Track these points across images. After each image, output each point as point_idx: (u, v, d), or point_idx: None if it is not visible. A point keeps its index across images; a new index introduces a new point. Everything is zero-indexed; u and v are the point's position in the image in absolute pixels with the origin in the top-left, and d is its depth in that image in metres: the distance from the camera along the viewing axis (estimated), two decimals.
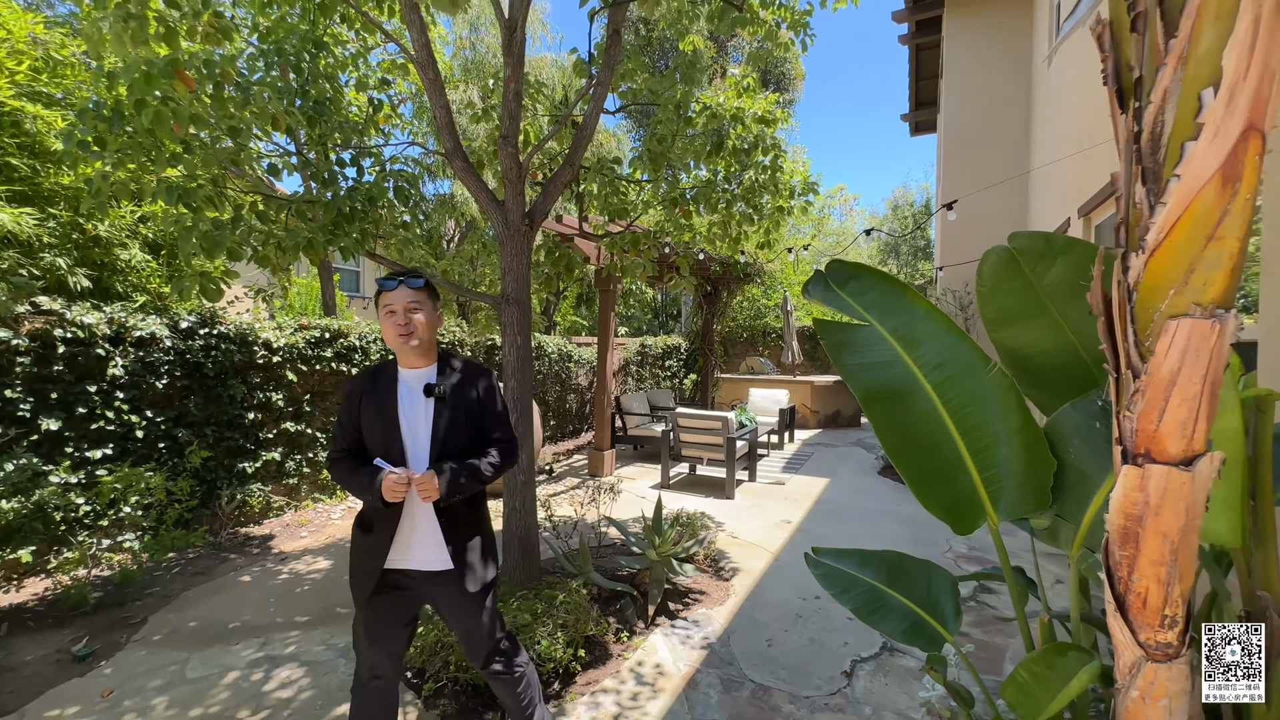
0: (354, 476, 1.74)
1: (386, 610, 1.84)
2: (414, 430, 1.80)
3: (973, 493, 1.57)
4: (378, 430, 1.78)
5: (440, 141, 3.21)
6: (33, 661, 2.82)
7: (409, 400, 1.81)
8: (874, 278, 1.79)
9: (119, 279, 4.20)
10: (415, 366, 1.85)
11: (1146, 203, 0.77)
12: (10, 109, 3.43)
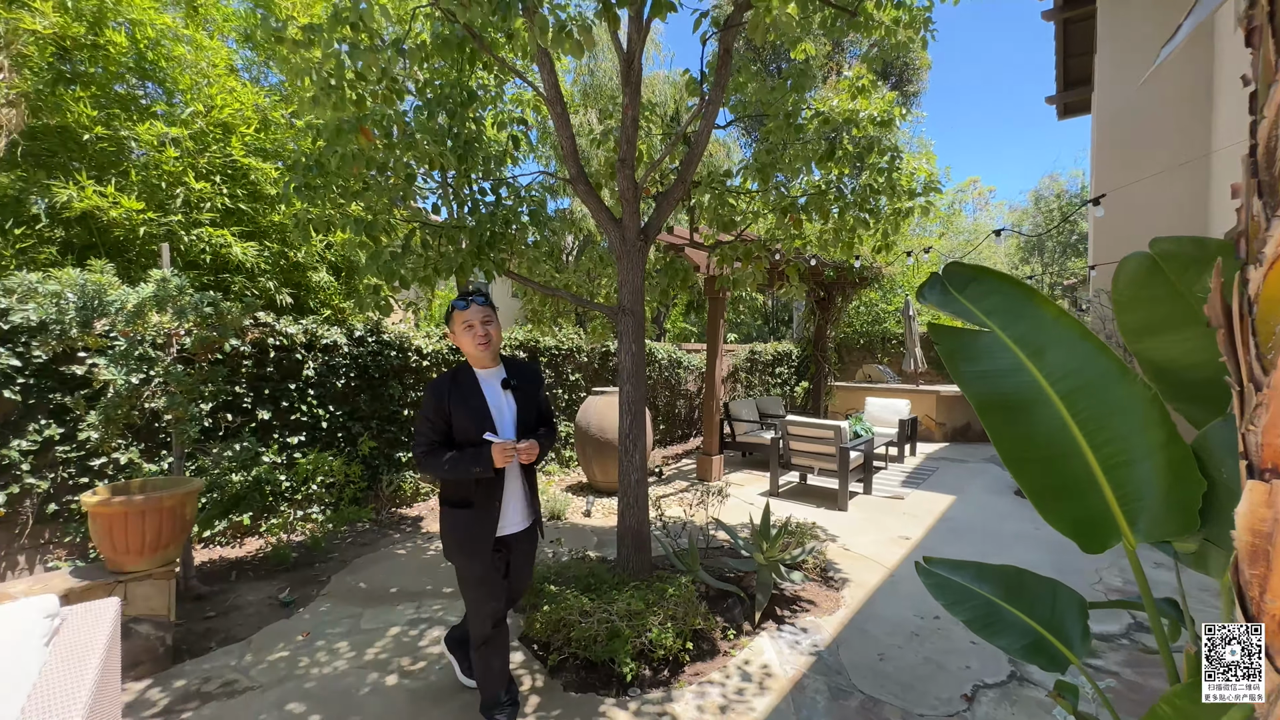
0: (457, 458, 2.12)
1: (494, 569, 2.27)
2: (500, 415, 2.24)
3: (1105, 511, 1.50)
4: (471, 419, 2.18)
5: (564, 167, 3.55)
6: (253, 603, 3.54)
7: (491, 393, 2.26)
8: (996, 281, 1.75)
9: (310, 296, 5.11)
10: (488, 367, 2.30)
11: (1264, 215, 0.77)
12: (242, 165, 4.36)
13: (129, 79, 4.32)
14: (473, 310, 2.22)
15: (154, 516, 2.71)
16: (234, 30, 5.14)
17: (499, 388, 2.27)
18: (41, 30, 3.53)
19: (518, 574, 2.43)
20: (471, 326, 2.22)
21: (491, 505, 2.21)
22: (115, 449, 3.65)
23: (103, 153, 4.00)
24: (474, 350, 2.23)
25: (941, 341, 1.78)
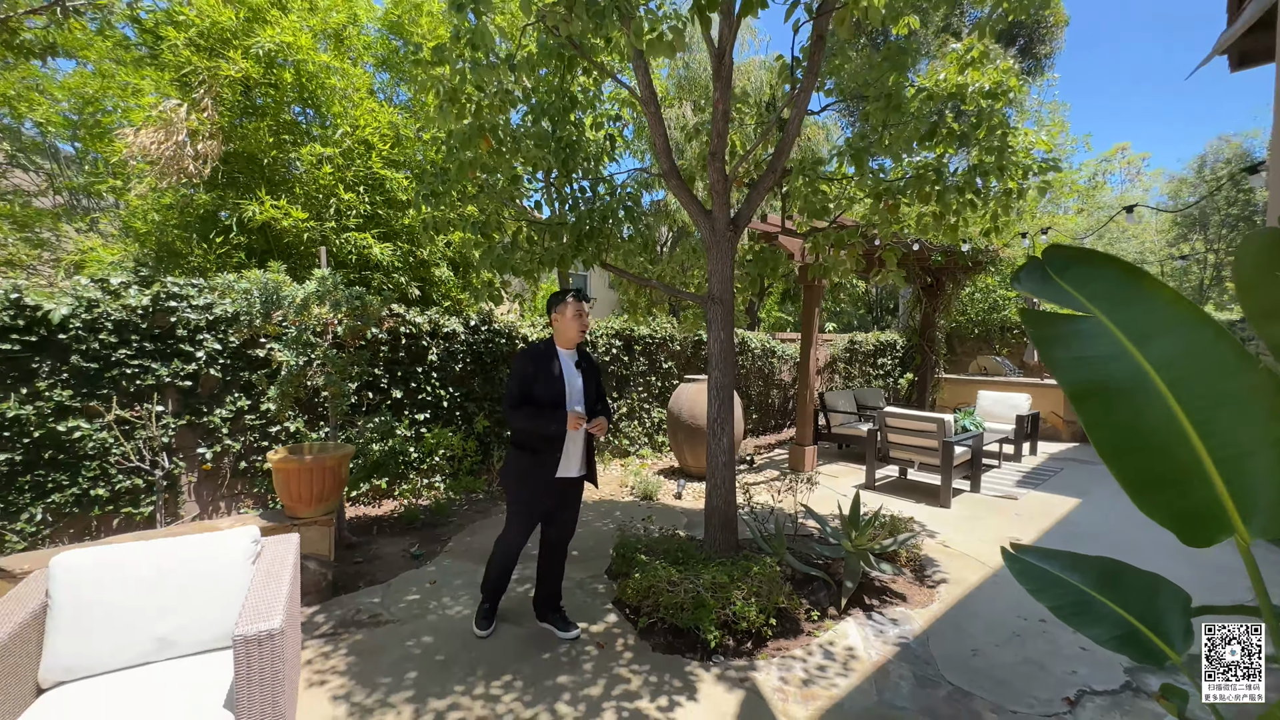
0: (539, 415, 2.72)
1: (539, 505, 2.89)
2: (572, 386, 2.83)
3: (1214, 503, 1.44)
4: (549, 386, 2.76)
5: (658, 163, 3.73)
6: (390, 554, 4.13)
7: (567, 368, 2.85)
8: (1101, 265, 1.68)
9: (434, 290, 5.75)
10: (569, 348, 2.91)
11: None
12: (380, 176, 5.01)
13: (293, 108, 5.12)
14: (584, 304, 2.92)
15: (319, 473, 3.29)
16: (372, 56, 5.86)
17: (574, 366, 2.90)
18: (233, 75, 4.34)
19: (569, 510, 3.01)
20: (581, 315, 2.87)
21: (553, 455, 2.80)
22: (287, 418, 4.39)
23: (276, 172, 4.80)
24: (574, 334, 2.87)
25: (1034, 327, 1.74)
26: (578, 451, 2.91)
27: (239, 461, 4.31)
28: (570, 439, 2.86)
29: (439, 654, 2.85)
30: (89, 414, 3.69)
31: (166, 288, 3.95)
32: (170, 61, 4.54)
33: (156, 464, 3.88)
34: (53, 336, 3.56)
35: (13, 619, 1.79)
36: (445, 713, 2.41)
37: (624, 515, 4.92)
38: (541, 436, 2.76)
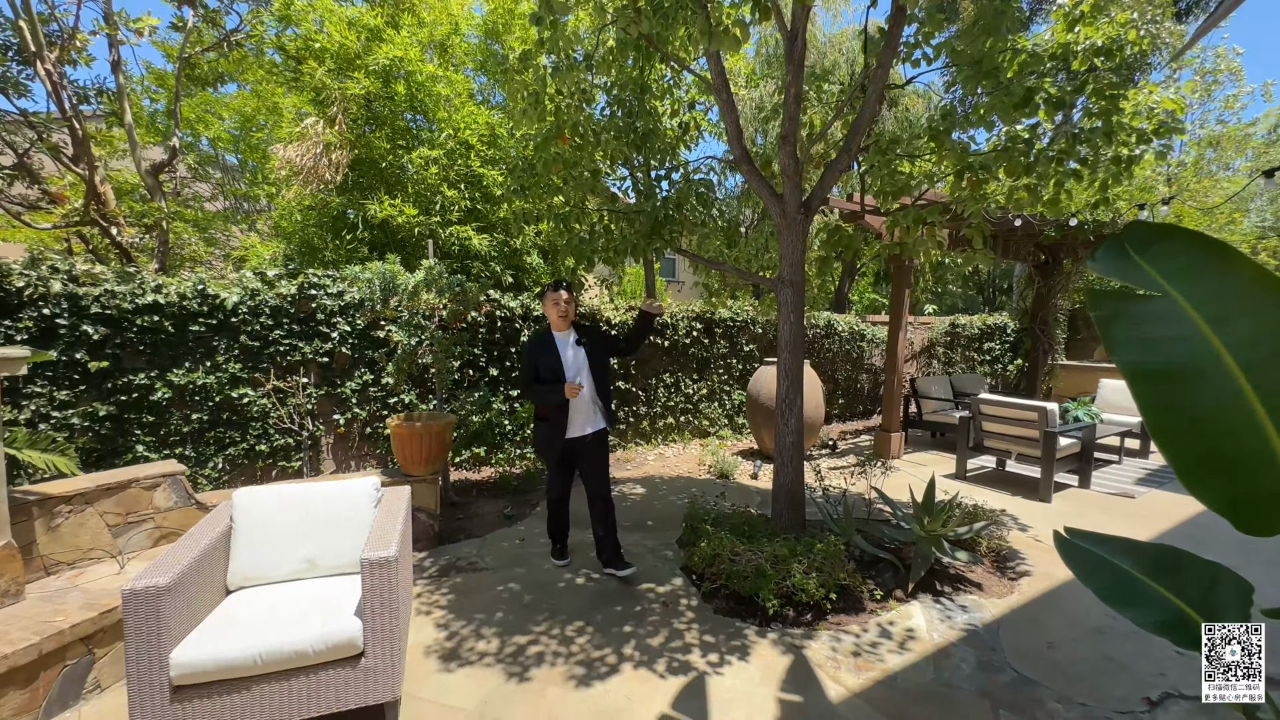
0: (545, 390, 3.30)
1: (563, 460, 3.49)
2: (569, 362, 3.35)
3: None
4: (549, 364, 3.32)
5: (732, 149, 3.81)
6: (486, 513, 4.64)
7: (564, 348, 3.38)
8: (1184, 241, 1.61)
9: (526, 276, 6.22)
10: (562, 331, 3.42)
11: None
12: (478, 173, 5.51)
13: (405, 114, 5.73)
14: (560, 294, 3.38)
15: (428, 438, 3.80)
16: (471, 61, 6.37)
17: (571, 344, 3.40)
18: (358, 91, 4.98)
19: (594, 466, 3.47)
20: (558, 304, 3.37)
21: (561, 420, 3.34)
22: (402, 391, 5.04)
23: (391, 175, 5.43)
24: (556, 319, 3.42)
25: (1099, 307, 1.69)
26: (584, 412, 3.40)
27: (364, 427, 5.02)
28: (574, 405, 3.35)
29: (524, 598, 3.25)
30: (254, 383, 4.49)
31: (309, 278, 4.67)
32: (309, 83, 5.29)
33: (303, 426, 4.64)
34: (227, 320, 4.37)
35: (209, 535, 2.35)
36: (526, 645, 2.78)
37: (698, 491, 5.12)
38: (551, 406, 3.33)
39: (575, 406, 3.36)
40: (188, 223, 6.62)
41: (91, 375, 3.90)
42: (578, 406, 3.38)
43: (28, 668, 2.16)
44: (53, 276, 3.80)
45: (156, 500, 3.11)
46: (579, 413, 3.40)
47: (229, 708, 2.00)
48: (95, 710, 2.30)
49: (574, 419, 3.39)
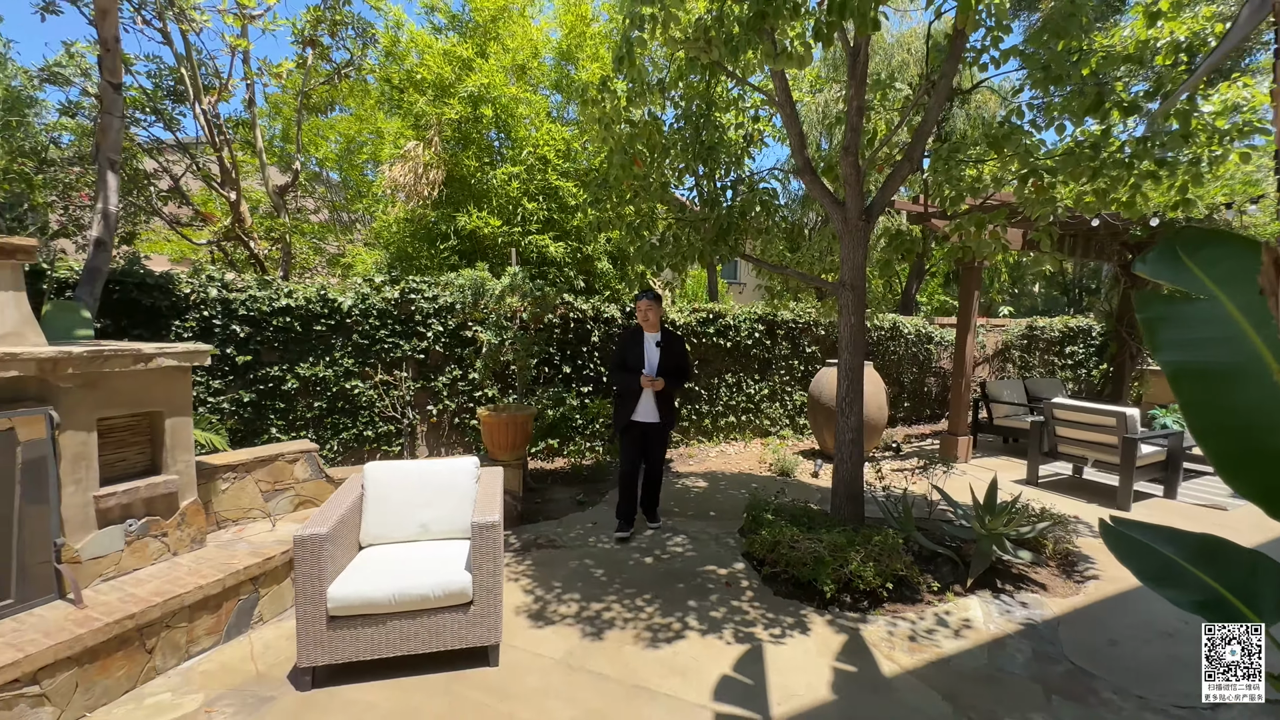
0: (626, 377, 4.03)
1: (632, 439, 4.10)
2: (650, 359, 4.06)
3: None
4: (635, 357, 4.05)
5: (794, 159, 4.02)
6: (561, 499, 5.05)
7: (649, 347, 4.08)
8: (1234, 245, 1.72)
9: (597, 281, 6.63)
10: (650, 332, 4.12)
11: None
12: (555, 186, 5.97)
13: (489, 133, 6.28)
14: (644, 303, 4.10)
15: (513, 427, 4.24)
16: (548, 81, 6.86)
17: (653, 346, 4.09)
18: (452, 116, 5.55)
19: (654, 448, 4.20)
20: (641, 311, 4.13)
21: (632, 403, 4.04)
22: (487, 385, 5.55)
23: (478, 189, 5.99)
24: (643, 323, 4.15)
25: (1145, 309, 1.82)
26: (650, 401, 4.08)
27: (454, 418, 5.57)
28: (644, 393, 4.04)
29: (598, 572, 3.60)
30: (363, 377, 5.12)
31: (408, 284, 5.26)
32: (409, 110, 5.92)
33: (403, 415, 5.23)
34: (343, 321, 5.01)
35: (348, 499, 2.84)
36: (601, 611, 3.12)
37: (758, 487, 5.32)
38: (627, 391, 4.07)
39: (645, 394, 4.05)
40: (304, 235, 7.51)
41: (238, 367, 4.61)
42: (647, 395, 4.06)
43: (216, 598, 2.71)
44: (210, 285, 4.53)
45: (296, 472, 3.70)
46: (645, 400, 4.07)
47: (370, 638, 2.45)
48: (260, 637, 2.84)
49: (643, 405, 4.07)
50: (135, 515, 2.78)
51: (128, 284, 4.19)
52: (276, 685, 2.46)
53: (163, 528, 2.88)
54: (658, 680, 2.52)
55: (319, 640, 2.41)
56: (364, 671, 2.51)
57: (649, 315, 4.10)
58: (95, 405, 2.61)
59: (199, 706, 2.32)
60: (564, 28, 6.67)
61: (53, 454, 2.44)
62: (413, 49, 5.96)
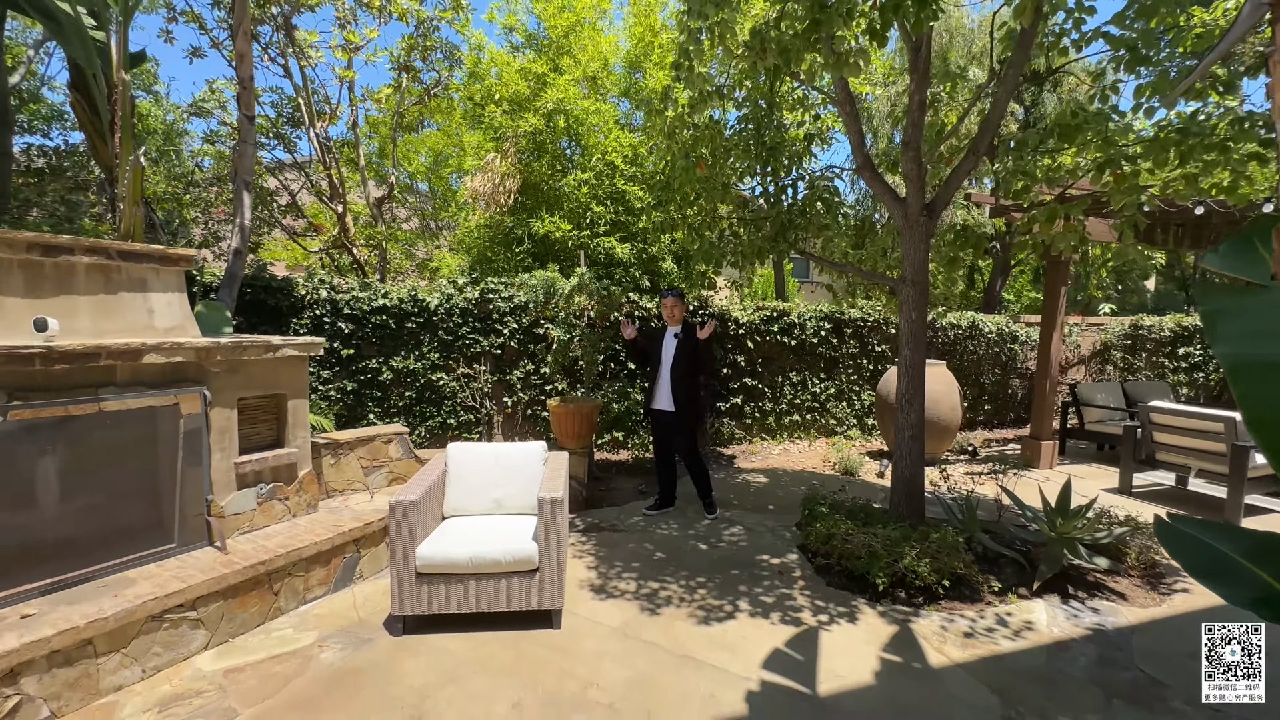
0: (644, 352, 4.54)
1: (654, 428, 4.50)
2: (667, 350, 4.36)
3: None
4: (652, 347, 4.43)
5: (855, 157, 4.03)
6: (623, 488, 5.30)
7: (667, 339, 4.40)
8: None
9: (661, 280, 6.84)
10: (671, 327, 4.40)
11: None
12: (621, 190, 6.24)
13: (562, 141, 6.66)
14: (669, 300, 4.40)
15: (580, 417, 4.53)
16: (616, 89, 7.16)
17: (671, 337, 4.39)
18: (527, 130, 5.97)
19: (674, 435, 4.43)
20: (665, 307, 4.44)
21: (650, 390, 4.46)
22: (557, 379, 5.91)
23: (551, 195, 6.37)
24: (667, 319, 4.46)
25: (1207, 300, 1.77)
26: (663, 392, 4.35)
27: (526, 409, 5.97)
28: (657, 382, 4.38)
29: (656, 555, 3.81)
30: (447, 370, 5.61)
31: (487, 285, 5.71)
32: (489, 124, 6.42)
33: (481, 405, 5.69)
34: (430, 318, 5.53)
35: (432, 475, 3.22)
36: (657, 589, 3.32)
37: (819, 484, 5.32)
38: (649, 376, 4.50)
39: (658, 383, 4.38)
40: (398, 242, 8.28)
41: (343, 359, 5.22)
42: (660, 384, 4.38)
43: (327, 553, 3.17)
44: (321, 287, 5.16)
45: (390, 452, 4.17)
46: (660, 389, 4.38)
47: (450, 594, 2.79)
48: (361, 590, 3.27)
49: (657, 393, 4.40)
50: (264, 481, 3.29)
51: (256, 287, 4.88)
52: (374, 630, 2.85)
53: (285, 493, 3.39)
54: (706, 653, 2.69)
55: (409, 593, 2.77)
56: (445, 624, 2.86)
57: (673, 311, 4.42)
58: (236, 387, 3.13)
59: (313, 641, 2.75)
60: (633, 38, 6.94)
61: (205, 426, 2.97)
62: (492, 67, 6.45)
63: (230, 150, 7.45)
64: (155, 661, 2.48)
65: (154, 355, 2.71)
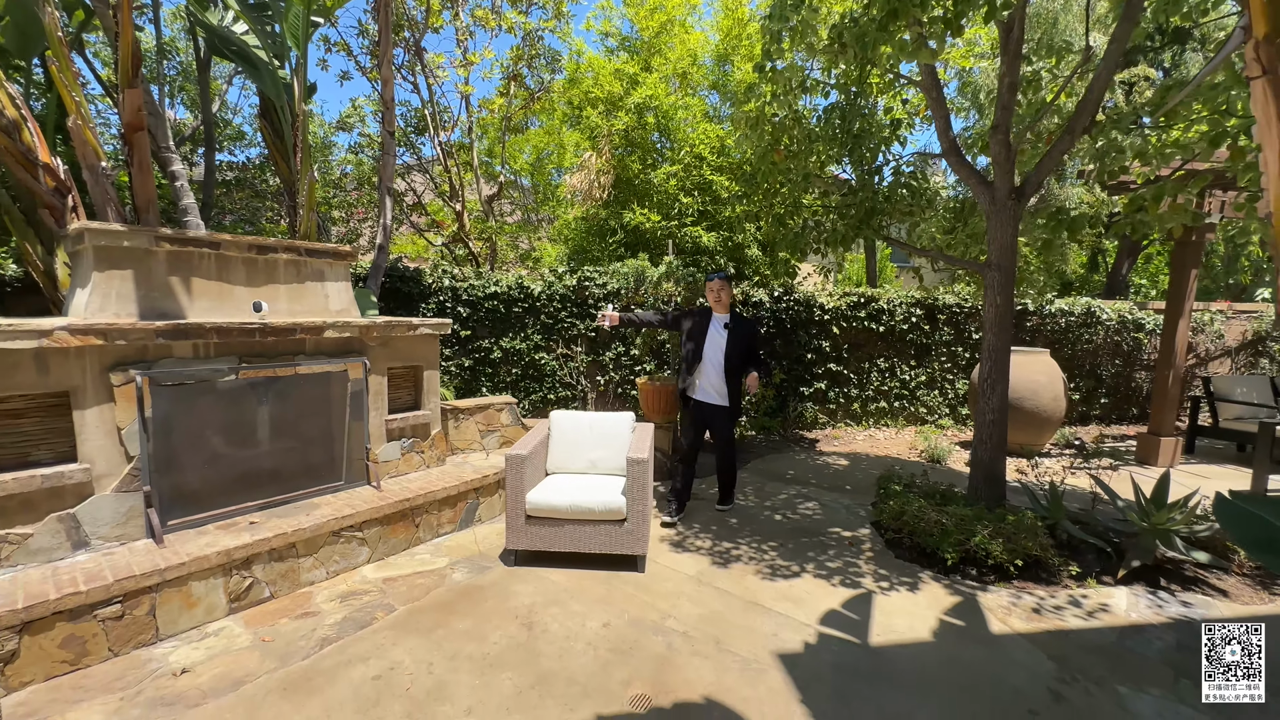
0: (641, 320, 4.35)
1: (692, 416, 4.14)
2: (711, 341, 4.02)
3: None
4: (695, 331, 4.08)
5: (940, 142, 4.05)
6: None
7: (714, 328, 4.05)
8: None
9: (747, 267, 7.04)
10: (719, 314, 4.08)
11: None
12: (709, 181, 6.51)
13: (653, 135, 7.04)
14: (716, 283, 4.05)
15: (664, 395, 4.93)
16: (705, 81, 7.39)
17: (720, 328, 4.04)
18: (620, 128, 6.41)
19: (717, 433, 4.15)
20: (710, 291, 4.08)
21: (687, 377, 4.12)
22: (646, 360, 6.35)
23: (641, 188, 6.78)
24: (714, 304, 4.09)
25: None
26: (708, 384, 4.04)
27: (617, 388, 6.48)
28: (701, 370, 4.04)
29: (731, 521, 4.14)
30: (548, 350, 6.24)
31: (584, 273, 6.25)
32: (586, 125, 6.93)
33: (578, 383, 6.27)
34: (534, 304, 6.17)
35: (539, 436, 3.76)
36: (730, 549, 3.66)
37: (901, 469, 5.35)
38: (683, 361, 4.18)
39: (702, 374, 4.04)
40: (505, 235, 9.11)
41: (461, 339, 5.99)
42: (706, 376, 4.03)
43: (454, 498, 3.83)
44: (444, 277, 5.95)
45: (502, 419, 4.83)
46: (707, 381, 4.03)
47: (553, 535, 3.31)
48: (480, 531, 3.91)
49: (700, 384, 4.07)
50: (405, 436, 4.02)
51: (392, 277, 5.73)
52: (491, 560, 3.45)
53: (421, 447, 4.11)
54: (771, 601, 3.00)
55: (520, 531, 3.33)
56: (548, 560, 3.40)
57: (721, 296, 4.03)
58: (386, 358, 3.85)
59: (445, 565, 3.39)
60: (721, 31, 7.12)
61: (366, 389, 3.71)
62: (588, 70, 6.94)
63: (368, 159, 8.61)
64: (335, 567, 3.22)
65: (331, 331, 3.45)
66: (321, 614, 2.84)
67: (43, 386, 2.57)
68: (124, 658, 2.46)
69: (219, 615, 2.77)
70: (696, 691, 2.30)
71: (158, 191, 4.07)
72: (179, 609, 2.64)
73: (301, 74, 4.38)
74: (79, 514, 2.67)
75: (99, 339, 2.64)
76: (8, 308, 4.36)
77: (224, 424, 3.16)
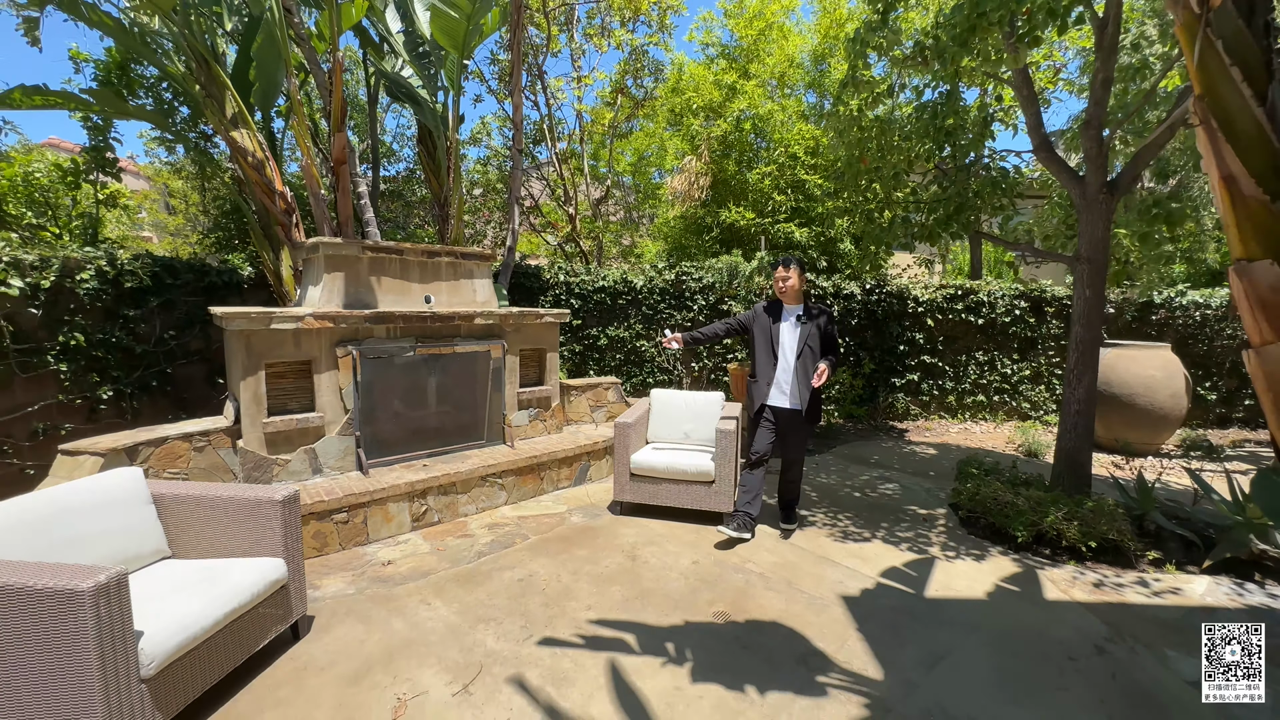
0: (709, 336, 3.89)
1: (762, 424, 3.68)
2: (788, 341, 3.61)
3: None
4: (765, 328, 3.66)
5: (1031, 138, 4.14)
6: None
7: (786, 323, 3.64)
8: None
9: (839, 261, 7.25)
10: (789, 305, 3.68)
11: None
12: (802, 179, 6.81)
13: (749, 137, 7.43)
14: (781, 270, 3.65)
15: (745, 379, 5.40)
16: (802, 82, 7.63)
17: (793, 322, 3.63)
18: (718, 134, 6.89)
19: (792, 441, 3.68)
20: (779, 278, 3.66)
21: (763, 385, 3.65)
22: (736, 348, 6.83)
23: (737, 188, 7.22)
24: (780, 295, 3.71)
25: None
26: (784, 387, 3.58)
27: (710, 374, 7.02)
28: (779, 374, 3.57)
29: (811, 494, 4.56)
30: (648, 338, 6.91)
31: (681, 268, 6.83)
32: (686, 131, 7.48)
33: (675, 368, 6.89)
34: (636, 296, 6.86)
35: (640, 409, 4.42)
36: (807, 516, 4.10)
37: (989, 459, 5.40)
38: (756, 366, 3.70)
39: (775, 374, 3.58)
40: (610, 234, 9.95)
41: (573, 328, 6.83)
42: (780, 376, 3.57)
43: (570, 458, 4.60)
44: (559, 273, 6.80)
45: (609, 396, 5.56)
46: (781, 382, 3.58)
47: (652, 490, 3.96)
48: (591, 488, 4.65)
49: (773, 387, 3.60)
50: (532, 407, 4.85)
51: (518, 273, 6.67)
52: (601, 510, 4.16)
53: (544, 416, 4.93)
54: (841, 558, 3.43)
55: (625, 486, 4.01)
56: (648, 512, 4.05)
57: (788, 285, 3.55)
58: (518, 342, 4.69)
59: (565, 510, 4.15)
60: (818, 32, 7.32)
61: (504, 366, 4.57)
62: (690, 80, 7.47)
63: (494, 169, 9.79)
64: (482, 504, 4.09)
65: (480, 319, 4.33)
66: (475, 536, 3.69)
67: (296, 356, 3.62)
68: (348, 551, 3.44)
69: (405, 530, 3.71)
70: (768, 614, 2.82)
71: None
72: (380, 522, 3.60)
73: (455, 107, 5.34)
74: (317, 449, 3.71)
75: (330, 323, 3.65)
76: (244, 299, 5.76)
77: (404, 389, 4.14)
